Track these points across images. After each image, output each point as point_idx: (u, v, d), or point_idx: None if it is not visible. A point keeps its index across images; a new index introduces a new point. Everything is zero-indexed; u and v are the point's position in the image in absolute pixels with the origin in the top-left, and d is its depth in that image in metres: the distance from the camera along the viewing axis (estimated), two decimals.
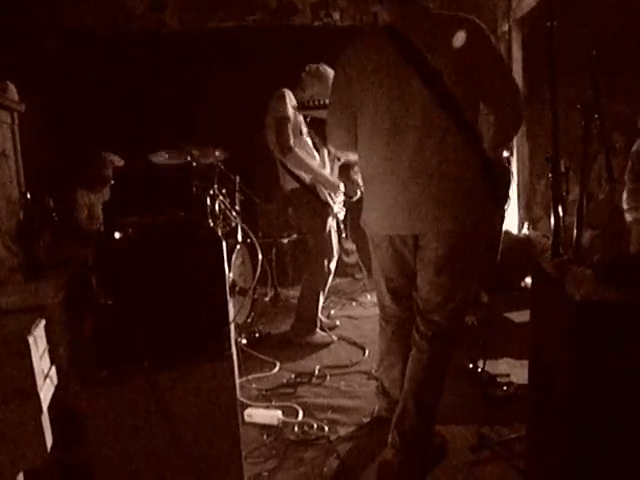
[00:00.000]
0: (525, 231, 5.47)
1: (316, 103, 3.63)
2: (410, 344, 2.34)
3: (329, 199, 3.70)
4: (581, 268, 1.72)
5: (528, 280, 4.45)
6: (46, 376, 1.62)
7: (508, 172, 3.74)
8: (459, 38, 1.98)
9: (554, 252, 1.98)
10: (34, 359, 1.49)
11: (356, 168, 3.76)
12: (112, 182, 4.31)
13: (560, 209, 2.04)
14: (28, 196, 2.27)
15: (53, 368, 1.71)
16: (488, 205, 2.16)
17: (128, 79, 5.19)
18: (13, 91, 2.85)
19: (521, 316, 3.94)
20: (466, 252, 2.17)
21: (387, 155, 2.14)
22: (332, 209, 3.74)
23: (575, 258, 1.98)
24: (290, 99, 3.58)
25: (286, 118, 3.50)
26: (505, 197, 2.37)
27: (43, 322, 1.65)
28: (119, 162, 4.31)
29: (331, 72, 3.60)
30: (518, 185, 5.60)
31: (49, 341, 1.70)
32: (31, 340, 1.50)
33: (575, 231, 2.12)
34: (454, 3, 5.34)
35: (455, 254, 2.15)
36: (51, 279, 2.13)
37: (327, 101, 2.49)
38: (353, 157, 2.45)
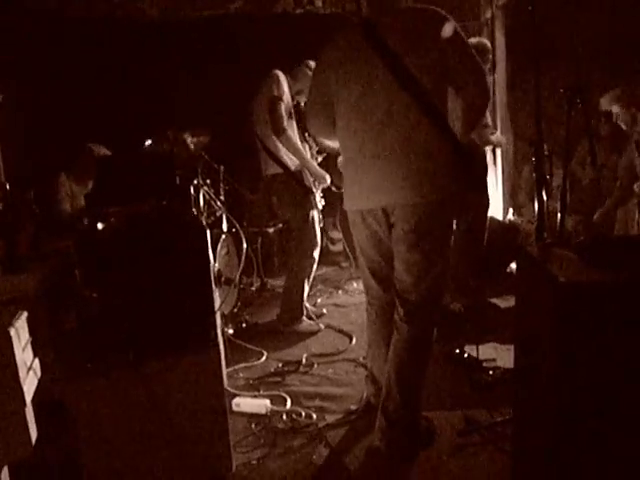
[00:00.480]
0: (510, 217, 5.50)
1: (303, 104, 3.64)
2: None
3: (313, 186, 3.69)
4: (565, 251, 1.73)
5: (513, 266, 4.48)
6: (29, 368, 1.60)
7: (482, 153, 3.78)
8: (426, 28, 2.14)
9: (538, 236, 1.99)
10: (16, 351, 1.47)
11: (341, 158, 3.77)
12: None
13: (544, 193, 2.04)
14: (7, 187, 2.23)
15: (36, 360, 1.69)
16: (456, 182, 2.22)
17: (110, 68, 5.12)
18: None
19: (506, 301, 3.97)
20: (434, 228, 2.23)
21: (358, 136, 2.26)
22: (314, 197, 3.73)
23: (559, 241, 1.99)
24: (283, 80, 3.56)
25: (280, 98, 3.50)
26: (482, 178, 2.40)
27: (25, 314, 1.63)
28: (105, 153, 4.25)
29: None
30: (502, 171, 5.62)
31: (32, 333, 1.67)
32: (12, 332, 1.48)
33: (559, 215, 2.14)
34: None
35: (423, 229, 2.20)
36: (33, 271, 2.11)
37: None
38: (332, 144, 2.51)
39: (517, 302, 1.92)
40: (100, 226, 2.28)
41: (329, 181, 3.79)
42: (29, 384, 1.56)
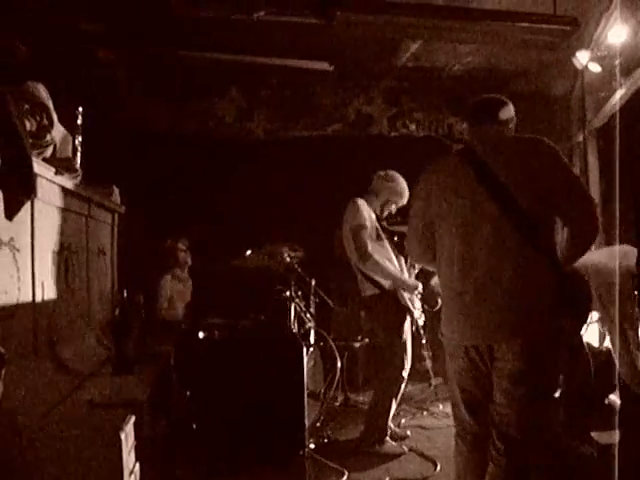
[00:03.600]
0: (607, 344, 5.22)
1: (395, 220, 3.76)
2: (488, 462, 2.24)
3: (409, 304, 3.71)
4: None
5: (612, 397, 4.19)
6: (131, 472, 1.66)
7: (586, 284, 3.66)
8: (531, 158, 2.13)
9: None
10: (124, 456, 1.54)
11: (436, 278, 3.78)
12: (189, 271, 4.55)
13: None
14: (125, 294, 2.41)
15: (137, 465, 1.75)
16: (565, 319, 2.17)
17: (215, 181, 5.55)
18: (117, 194, 3.13)
19: (606, 437, 3.67)
20: (543, 365, 2.15)
21: (462, 268, 2.22)
22: (412, 314, 3.73)
23: None
24: (363, 207, 3.71)
25: (362, 226, 3.62)
26: (586, 310, 2.34)
27: (133, 418, 1.72)
28: (184, 245, 4.59)
29: (398, 176, 3.76)
30: None
31: (136, 437, 1.75)
32: (123, 436, 1.56)
33: None
34: (529, 118, 5.46)
35: (531, 366, 2.12)
36: (139, 375, 2.22)
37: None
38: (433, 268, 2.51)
39: (622, 441, 1.82)
40: (201, 335, 2.40)
41: (421, 289, 3.79)
42: None
